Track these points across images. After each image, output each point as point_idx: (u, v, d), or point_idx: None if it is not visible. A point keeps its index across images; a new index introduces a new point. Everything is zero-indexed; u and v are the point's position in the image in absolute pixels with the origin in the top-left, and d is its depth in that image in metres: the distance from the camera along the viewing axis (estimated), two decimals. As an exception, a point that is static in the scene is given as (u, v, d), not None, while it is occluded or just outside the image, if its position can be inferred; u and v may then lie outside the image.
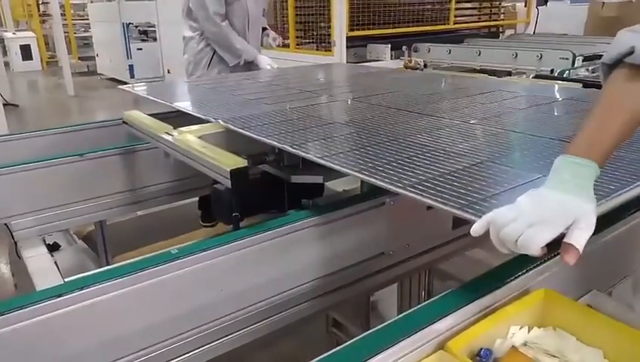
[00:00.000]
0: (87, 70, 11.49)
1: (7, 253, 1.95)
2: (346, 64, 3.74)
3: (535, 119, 1.62)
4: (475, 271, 1.00)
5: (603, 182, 0.99)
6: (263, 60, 3.04)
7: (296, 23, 4.59)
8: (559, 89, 2.19)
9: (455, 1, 4.86)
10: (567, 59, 3.26)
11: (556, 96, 2.02)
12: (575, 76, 3.04)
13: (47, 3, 11.69)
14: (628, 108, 0.87)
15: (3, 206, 1.59)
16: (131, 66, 9.42)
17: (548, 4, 5.90)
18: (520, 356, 0.83)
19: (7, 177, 1.58)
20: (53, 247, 1.65)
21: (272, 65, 3.05)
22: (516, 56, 3.54)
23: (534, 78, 3.03)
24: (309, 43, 4.67)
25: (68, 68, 9.15)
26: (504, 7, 5.64)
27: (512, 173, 1.10)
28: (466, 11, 5.32)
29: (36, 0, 12.64)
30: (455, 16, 4.93)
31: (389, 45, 4.32)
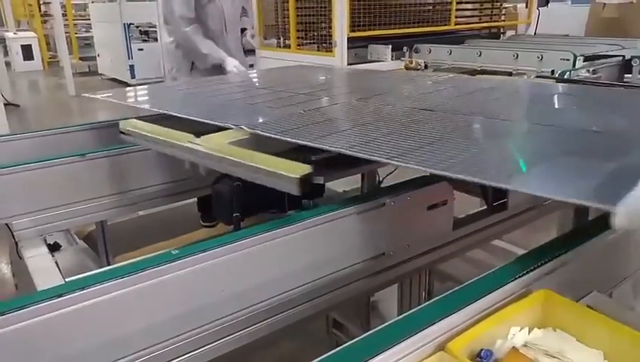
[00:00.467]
0: (88, 70, 11.52)
1: (8, 252, 1.95)
2: (308, 66, 3.42)
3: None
4: (476, 272, 1.00)
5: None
6: (229, 63, 2.98)
7: (297, 23, 4.60)
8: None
9: (456, 2, 4.86)
10: (568, 60, 3.25)
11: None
12: (576, 77, 3.03)
13: (49, 3, 11.71)
14: None
15: (4, 206, 1.59)
16: (132, 67, 9.44)
17: (549, 5, 5.90)
18: (520, 357, 0.83)
19: (9, 177, 1.58)
20: (54, 247, 1.65)
21: (239, 68, 2.98)
22: (517, 57, 3.53)
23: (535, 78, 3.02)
24: (310, 43, 4.67)
25: (69, 68, 9.18)
26: (505, 8, 5.64)
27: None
28: (467, 12, 5.32)
29: (37, 0, 12.66)
30: (456, 17, 4.93)
31: (389, 46, 4.32)
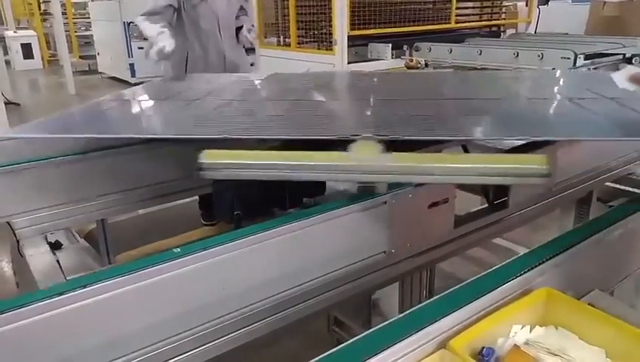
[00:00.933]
0: (88, 69, 11.51)
1: (9, 251, 1.95)
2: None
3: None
4: (477, 270, 1.00)
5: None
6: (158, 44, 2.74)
7: (298, 22, 4.59)
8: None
9: (456, 1, 4.85)
10: (569, 58, 3.25)
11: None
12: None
13: (49, 2, 11.69)
14: None
15: (5, 204, 1.59)
16: (132, 65, 9.42)
17: (549, 3, 5.90)
18: (522, 355, 0.83)
19: (10, 175, 1.58)
20: (55, 246, 1.64)
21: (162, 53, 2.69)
22: (517, 56, 3.53)
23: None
24: (310, 42, 4.67)
25: (69, 66, 9.17)
26: (505, 6, 5.64)
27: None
28: (467, 10, 5.32)
29: (37, -1, 12.66)
30: (456, 16, 4.93)
31: (389, 44, 4.32)
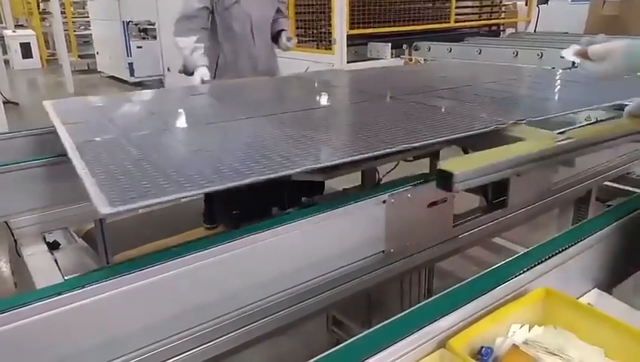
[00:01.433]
0: (87, 68, 11.50)
1: (7, 251, 1.94)
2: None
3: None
4: (476, 270, 1.00)
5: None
6: (198, 73, 2.66)
7: (297, 21, 4.59)
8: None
9: (456, 0, 4.85)
10: (568, 57, 3.24)
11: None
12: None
13: (47, 1, 11.69)
14: None
15: (3, 204, 1.59)
16: (131, 64, 9.42)
17: (549, 2, 5.89)
18: (521, 354, 0.83)
19: (8, 175, 1.57)
20: (53, 245, 1.64)
21: (204, 77, 2.65)
22: (517, 55, 3.53)
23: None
24: (309, 41, 4.67)
25: (68, 66, 9.16)
26: (505, 5, 5.64)
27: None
28: (467, 10, 5.32)
29: (36, -2, 12.65)
30: (456, 15, 4.93)
31: (389, 44, 4.32)
